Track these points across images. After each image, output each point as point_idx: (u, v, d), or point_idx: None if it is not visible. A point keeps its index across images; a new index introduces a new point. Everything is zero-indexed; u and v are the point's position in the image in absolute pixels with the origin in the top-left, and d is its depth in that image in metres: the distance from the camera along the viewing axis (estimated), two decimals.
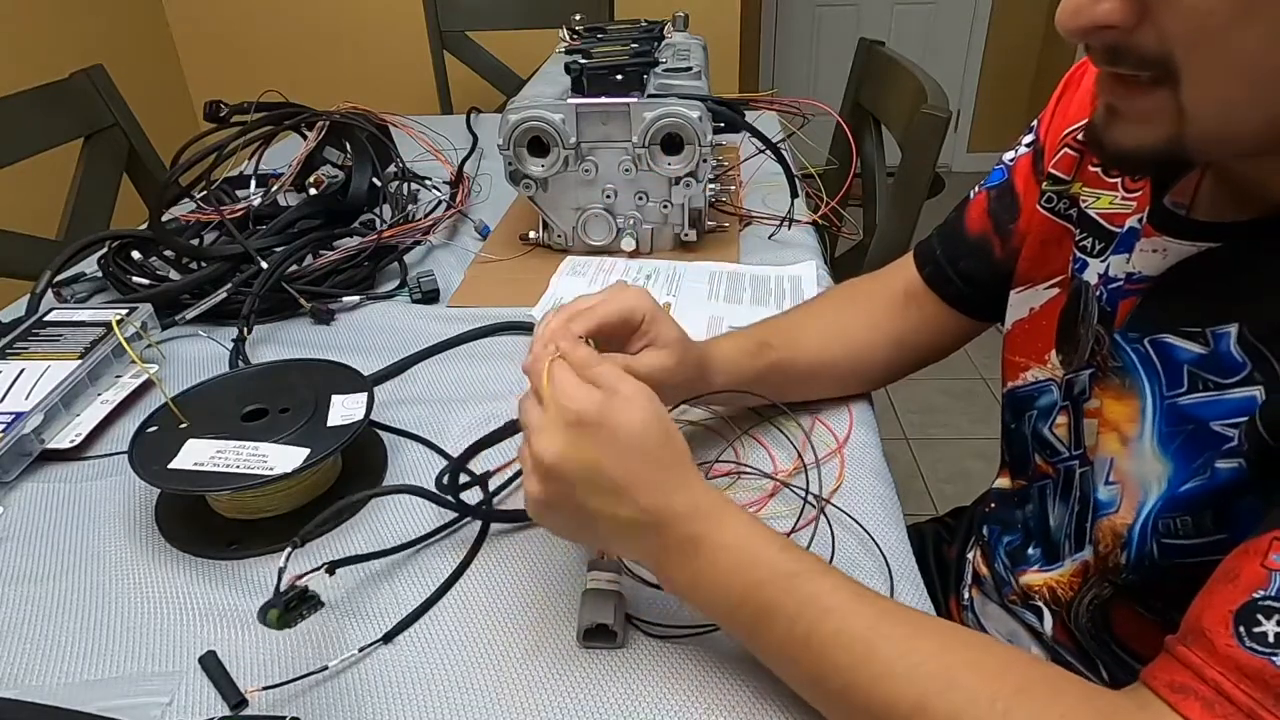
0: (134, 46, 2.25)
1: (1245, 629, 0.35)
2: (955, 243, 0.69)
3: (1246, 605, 0.36)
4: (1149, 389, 0.47)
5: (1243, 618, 0.35)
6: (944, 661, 0.39)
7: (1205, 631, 0.36)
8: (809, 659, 0.41)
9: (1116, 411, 0.50)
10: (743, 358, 0.64)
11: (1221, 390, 0.43)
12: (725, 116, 0.97)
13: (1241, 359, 0.42)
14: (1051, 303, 0.60)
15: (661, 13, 1.35)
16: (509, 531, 0.58)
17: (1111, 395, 0.50)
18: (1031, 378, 0.62)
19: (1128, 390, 0.49)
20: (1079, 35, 0.39)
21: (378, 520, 0.60)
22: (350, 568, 0.54)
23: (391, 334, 0.84)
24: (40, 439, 0.67)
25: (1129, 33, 0.38)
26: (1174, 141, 0.39)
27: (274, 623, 0.44)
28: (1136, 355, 0.48)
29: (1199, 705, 0.35)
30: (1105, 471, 0.50)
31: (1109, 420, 0.50)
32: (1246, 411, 0.42)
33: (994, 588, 0.66)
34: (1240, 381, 0.42)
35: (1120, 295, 0.51)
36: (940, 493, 1.91)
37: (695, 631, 0.49)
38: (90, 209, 1.26)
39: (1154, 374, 0.47)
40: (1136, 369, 0.48)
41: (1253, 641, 0.35)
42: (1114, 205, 0.55)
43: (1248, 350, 0.42)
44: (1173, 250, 0.48)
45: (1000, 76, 3.57)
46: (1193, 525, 0.45)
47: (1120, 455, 0.49)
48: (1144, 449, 0.47)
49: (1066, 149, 0.59)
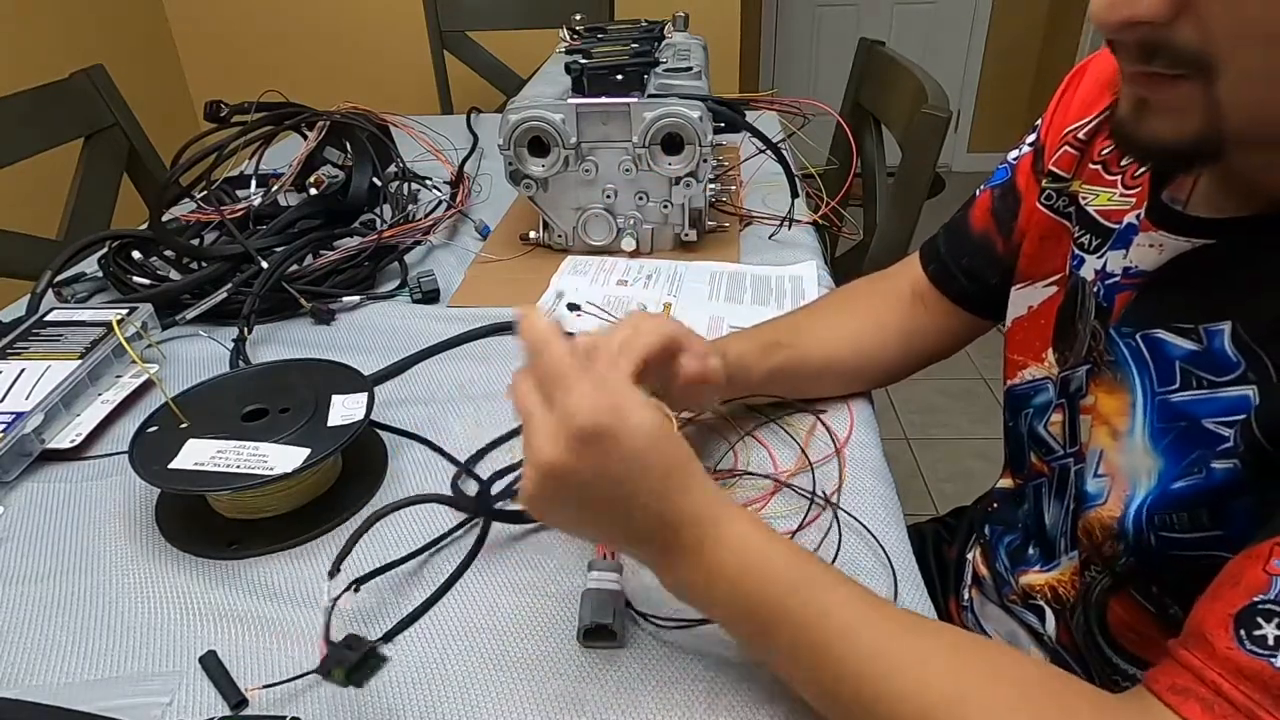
0: (134, 46, 2.25)
1: (1245, 632, 0.35)
2: (959, 241, 0.70)
3: (1247, 609, 0.36)
4: (1139, 383, 0.47)
5: (1243, 621, 0.36)
6: (956, 674, 0.39)
7: (1206, 635, 0.37)
8: (818, 668, 0.41)
9: (1108, 405, 0.50)
10: (753, 359, 0.64)
11: (1215, 388, 0.43)
12: (725, 116, 0.97)
13: (1235, 358, 0.42)
14: (1049, 301, 0.60)
15: (661, 13, 1.35)
16: (509, 531, 0.58)
17: (1104, 389, 0.50)
18: (1029, 375, 0.62)
19: (1119, 384, 0.49)
20: (1115, 29, 0.38)
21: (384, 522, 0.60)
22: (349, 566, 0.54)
23: (392, 334, 0.84)
24: (40, 439, 0.67)
25: (1165, 27, 0.37)
26: (1207, 133, 0.39)
27: (340, 680, 0.41)
28: (1128, 350, 0.48)
29: (1198, 706, 0.35)
30: (1095, 464, 0.50)
31: (1101, 414, 0.51)
32: (1240, 410, 0.42)
33: (994, 588, 0.66)
34: (1234, 380, 0.42)
35: (1117, 290, 0.51)
36: (940, 493, 1.91)
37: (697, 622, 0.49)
38: (90, 209, 1.26)
39: (1145, 369, 0.47)
40: (1128, 363, 0.48)
41: (1253, 644, 0.35)
42: (1113, 202, 0.55)
43: (1242, 349, 0.42)
44: (1169, 246, 0.48)
45: (1000, 76, 3.57)
46: (1189, 521, 0.45)
47: (1110, 448, 0.49)
48: (1135, 443, 0.47)
49: (1067, 147, 0.59)
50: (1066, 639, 0.57)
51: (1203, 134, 0.39)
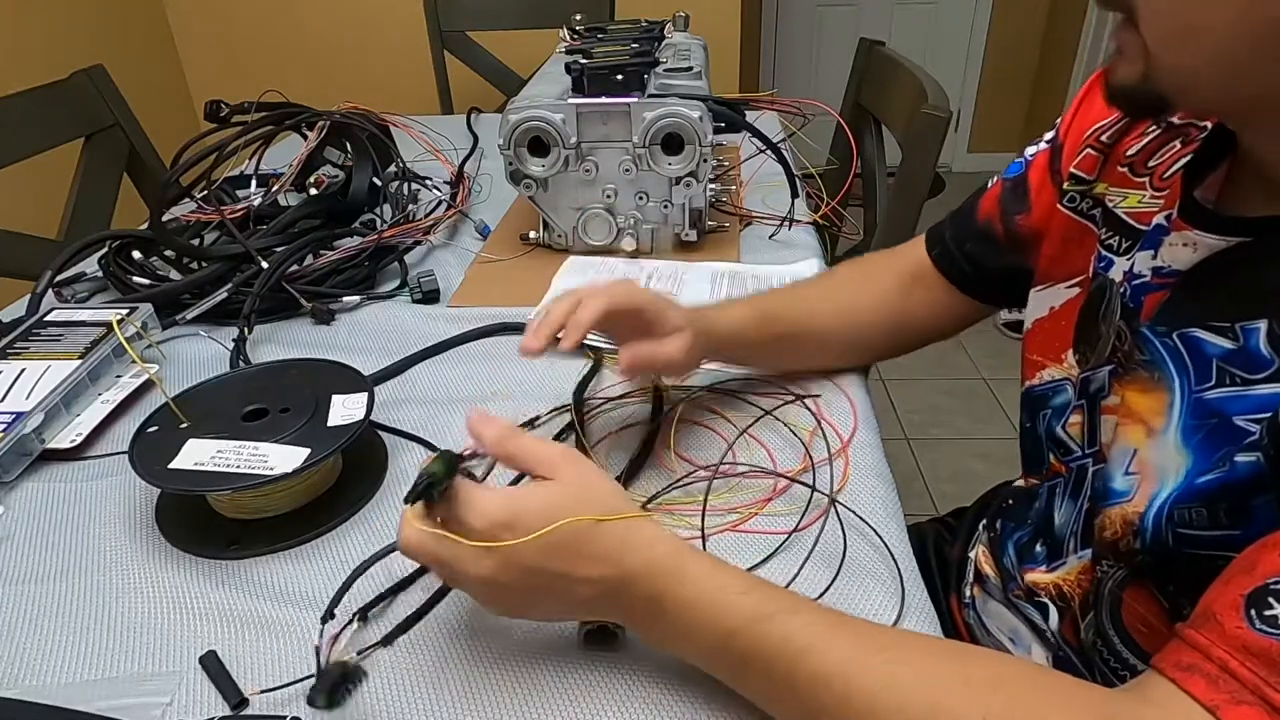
0: (134, 46, 2.25)
1: (1256, 611, 0.35)
2: (964, 226, 0.72)
3: (1258, 590, 0.36)
4: (1178, 382, 0.47)
5: (1254, 601, 0.36)
6: (927, 684, 0.39)
7: (1215, 615, 0.37)
8: (793, 699, 0.41)
9: (1142, 404, 0.49)
10: (746, 327, 0.67)
11: (1248, 385, 0.43)
12: (726, 116, 0.97)
13: (1270, 355, 0.42)
14: (1071, 302, 0.60)
15: (662, 13, 1.35)
16: None
17: (1137, 388, 0.50)
18: (1048, 376, 0.62)
19: (1156, 383, 0.48)
20: None
21: (379, 520, 0.60)
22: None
23: (392, 334, 0.84)
24: (41, 439, 0.67)
25: None
26: (1146, 78, 0.43)
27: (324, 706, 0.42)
28: (1165, 349, 0.48)
29: (1204, 682, 0.35)
30: (1126, 462, 0.50)
31: (1134, 412, 0.50)
32: (1271, 407, 0.41)
33: (998, 585, 0.66)
34: (1268, 378, 0.42)
35: (1145, 290, 0.51)
36: (940, 493, 1.90)
37: None
38: (90, 209, 1.25)
39: (1183, 368, 0.47)
40: (1165, 362, 0.48)
41: (1263, 624, 0.35)
42: (1142, 204, 0.55)
43: (1276, 347, 0.42)
44: (1203, 244, 0.48)
45: (1000, 76, 3.57)
46: (1207, 517, 0.44)
47: (1144, 446, 0.49)
48: (1167, 441, 0.47)
49: (1089, 149, 0.59)
50: (1071, 634, 0.57)
51: (1145, 78, 0.43)
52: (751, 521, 0.58)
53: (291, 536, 0.58)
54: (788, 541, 0.56)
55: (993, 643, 0.66)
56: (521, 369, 0.76)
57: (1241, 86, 0.41)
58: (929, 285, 0.73)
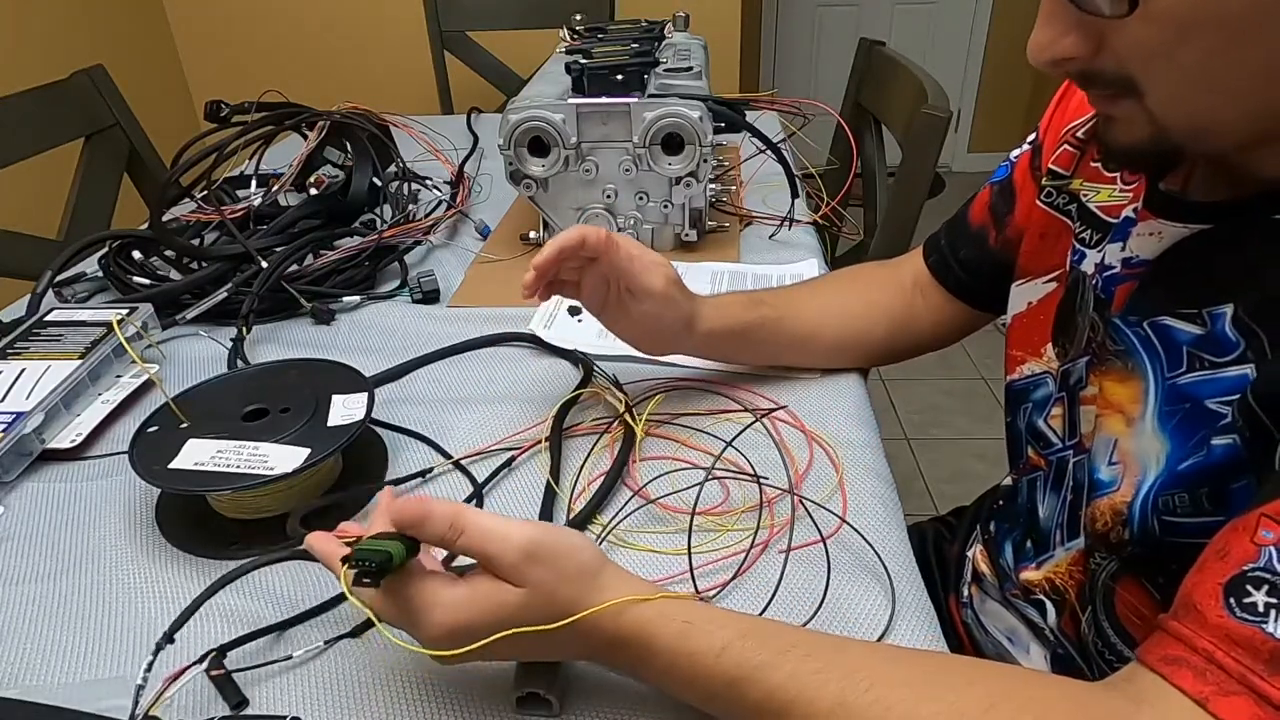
0: (134, 46, 2.25)
1: (1235, 599, 0.35)
2: (959, 233, 0.72)
3: (1236, 577, 0.36)
4: (1151, 370, 0.48)
5: (1232, 589, 0.36)
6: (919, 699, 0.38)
7: (1196, 605, 0.37)
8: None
9: (1119, 393, 0.50)
10: (734, 305, 0.68)
11: (1216, 369, 0.44)
12: (726, 116, 0.97)
13: (1235, 338, 0.43)
14: (1049, 296, 0.61)
15: (662, 13, 1.35)
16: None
17: (1114, 378, 0.51)
18: (1028, 370, 0.63)
19: (1130, 372, 0.49)
20: (1048, 68, 0.43)
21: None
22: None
23: (392, 334, 0.84)
24: (41, 439, 0.67)
25: (1090, 60, 0.42)
26: (1158, 138, 0.43)
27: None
28: (1137, 338, 0.49)
29: (1190, 674, 0.36)
30: (1108, 452, 0.51)
31: (1112, 402, 0.51)
32: (1239, 389, 0.42)
33: (996, 585, 0.66)
34: (1234, 360, 0.43)
35: (1116, 281, 0.52)
36: (940, 493, 1.90)
37: None
38: (90, 209, 1.25)
39: (1155, 355, 0.48)
40: (1138, 351, 0.49)
41: (1243, 611, 0.35)
42: (1112, 198, 0.56)
43: (1241, 330, 0.43)
44: (1168, 233, 0.49)
45: (1000, 76, 3.57)
46: (1190, 503, 0.45)
47: (1124, 435, 0.50)
48: (1145, 428, 0.48)
49: (1066, 145, 0.60)
50: (1071, 629, 0.57)
51: (1154, 138, 0.43)
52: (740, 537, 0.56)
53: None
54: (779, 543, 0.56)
55: (991, 642, 0.66)
56: (519, 371, 0.77)
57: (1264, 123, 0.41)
58: (927, 294, 0.74)
